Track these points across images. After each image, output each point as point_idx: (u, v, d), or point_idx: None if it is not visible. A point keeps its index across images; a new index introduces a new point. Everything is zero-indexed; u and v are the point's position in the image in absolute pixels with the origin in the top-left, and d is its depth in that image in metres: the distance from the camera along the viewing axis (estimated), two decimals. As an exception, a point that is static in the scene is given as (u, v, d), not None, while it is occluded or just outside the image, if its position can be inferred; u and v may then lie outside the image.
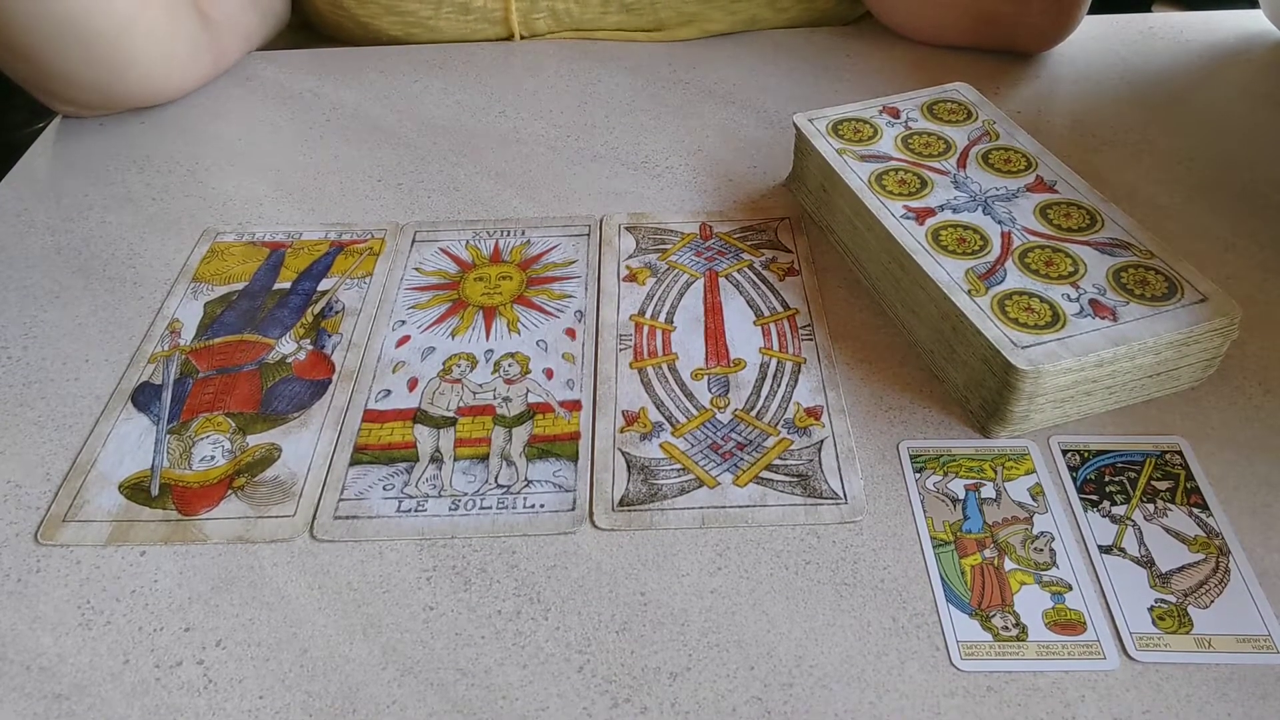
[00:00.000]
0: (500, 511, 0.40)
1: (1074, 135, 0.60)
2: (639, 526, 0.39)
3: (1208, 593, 0.37)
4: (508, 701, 0.34)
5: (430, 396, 0.45)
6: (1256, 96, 0.63)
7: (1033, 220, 0.46)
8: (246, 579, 0.38)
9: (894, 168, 0.50)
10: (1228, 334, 0.42)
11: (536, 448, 0.42)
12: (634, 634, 0.36)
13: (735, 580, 0.38)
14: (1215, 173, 0.57)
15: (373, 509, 0.40)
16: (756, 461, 0.41)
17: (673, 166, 0.59)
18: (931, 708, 0.34)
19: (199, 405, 0.45)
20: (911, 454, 0.42)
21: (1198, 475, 0.41)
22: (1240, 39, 0.69)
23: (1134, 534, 0.39)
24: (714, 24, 0.70)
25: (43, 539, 0.39)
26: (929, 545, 0.38)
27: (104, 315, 0.50)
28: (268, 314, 0.49)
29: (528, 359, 0.46)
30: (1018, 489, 0.40)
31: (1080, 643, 0.35)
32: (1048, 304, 0.42)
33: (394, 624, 0.36)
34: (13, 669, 0.35)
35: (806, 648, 0.35)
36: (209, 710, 0.34)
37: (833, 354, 0.46)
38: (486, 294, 0.50)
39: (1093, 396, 0.42)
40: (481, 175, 0.59)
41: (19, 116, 0.89)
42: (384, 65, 0.69)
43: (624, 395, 0.45)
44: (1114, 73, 0.66)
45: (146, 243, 0.54)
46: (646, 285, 0.50)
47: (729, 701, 0.34)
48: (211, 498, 0.41)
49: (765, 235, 0.53)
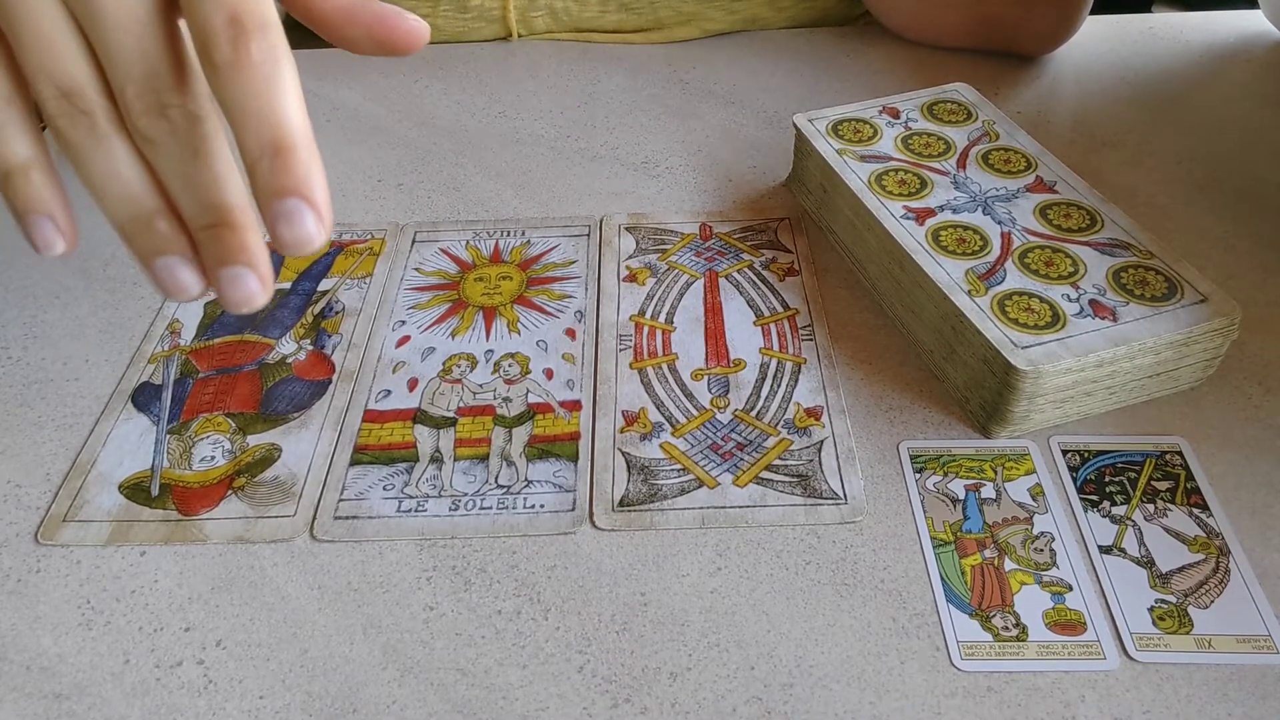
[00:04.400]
0: (500, 512, 0.40)
1: (1074, 135, 0.60)
2: (639, 527, 0.39)
3: (1208, 593, 0.37)
4: (508, 702, 0.34)
5: (430, 397, 0.45)
6: (1256, 96, 0.63)
7: (1033, 220, 0.46)
8: (246, 579, 0.38)
9: (894, 168, 0.50)
10: (1228, 334, 0.42)
11: (536, 448, 0.42)
12: (634, 634, 0.36)
13: (735, 580, 0.38)
14: (1215, 173, 0.57)
15: (373, 509, 0.40)
16: (756, 462, 0.41)
17: (673, 167, 0.59)
18: (932, 708, 0.34)
19: (199, 405, 0.45)
20: (911, 454, 0.42)
21: (1198, 475, 0.41)
22: (1240, 39, 0.70)
23: (1134, 534, 0.39)
24: (713, 23, 0.70)
25: (43, 539, 0.39)
26: (929, 545, 0.38)
27: (104, 315, 0.50)
28: (268, 314, 0.49)
29: (528, 359, 0.46)
30: (1018, 489, 0.40)
31: (1080, 643, 0.35)
32: (1048, 304, 0.42)
33: (394, 624, 0.36)
34: (13, 669, 0.35)
35: (806, 648, 0.35)
36: (209, 710, 0.34)
37: (833, 354, 0.46)
38: (486, 294, 0.50)
39: (1093, 397, 0.42)
40: (481, 175, 0.59)
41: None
42: (384, 65, 0.69)
43: (624, 395, 0.45)
44: (1114, 73, 0.66)
45: (146, 243, 0.54)
46: (646, 285, 0.50)
47: (729, 702, 0.34)
48: (211, 498, 0.41)
49: (765, 235, 0.53)
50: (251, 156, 0.25)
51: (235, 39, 0.24)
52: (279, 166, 0.25)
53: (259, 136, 0.25)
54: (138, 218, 0.27)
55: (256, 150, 0.25)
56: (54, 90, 0.25)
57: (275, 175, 0.25)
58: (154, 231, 0.27)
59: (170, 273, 0.27)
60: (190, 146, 0.26)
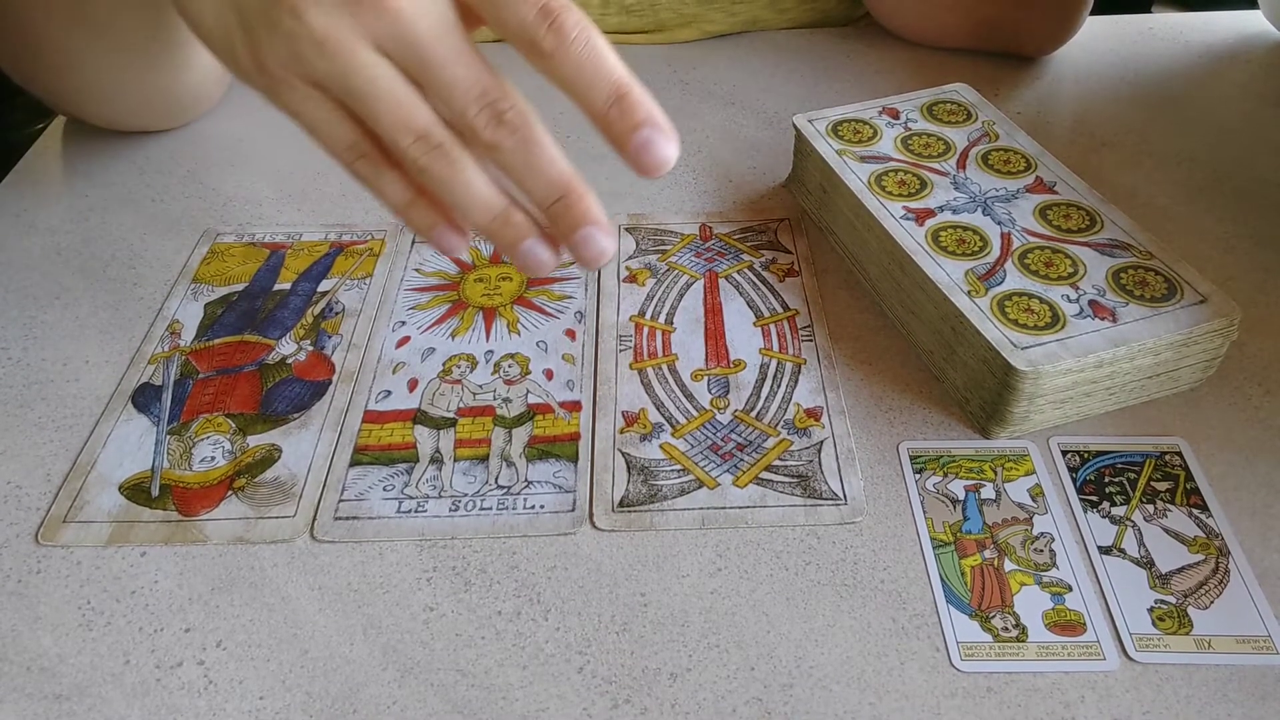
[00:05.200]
0: (500, 512, 0.40)
1: (1074, 136, 0.60)
2: (639, 527, 0.39)
3: (1207, 593, 0.37)
4: (508, 702, 0.34)
5: (430, 397, 0.45)
6: (1256, 96, 0.63)
7: (1032, 221, 0.46)
8: (247, 580, 0.38)
9: (894, 169, 0.50)
10: (1227, 335, 0.42)
11: (536, 449, 0.42)
12: (634, 635, 0.36)
13: (735, 581, 0.38)
14: (1215, 173, 0.57)
15: (373, 510, 0.40)
16: (756, 462, 0.42)
17: (673, 167, 0.59)
18: (931, 708, 0.34)
19: (199, 406, 0.45)
20: (911, 455, 0.42)
21: (1197, 476, 0.41)
22: (1240, 39, 0.70)
23: (1134, 535, 0.39)
24: (714, 25, 0.70)
25: (43, 540, 0.39)
26: (929, 546, 0.38)
27: (104, 316, 0.50)
28: (268, 315, 0.49)
29: (528, 360, 0.46)
30: (1018, 490, 0.40)
31: (1080, 643, 0.35)
32: (1047, 305, 0.42)
33: (394, 625, 0.36)
34: (13, 669, 0.35)
35: (806, 648, 0.35)
36: (209, 711, 0.34)
37: (833, 355, 0.46)
38: (486, 295, 0.50)
39: (1092, 397, 0.42)
40: (481, 176, 0.59)
41: (19, 116, 0.89)
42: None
43: (624, 396, 0.45)
44: (1114, 73, 0.66)
45: (146, 243, 0.54)
46: (646, 286, 0.50)
47: (729, 702, 0.34)
48: (212, 498, 0.41)
49: (765, 236, 0.53)
50: (600, 110, 0.29)
51: (553, 26, 0.28)
52: (626, 108, 0.29)
53: (602, 93, 0.29)
54: (500, 217, 0.31)
55: (604, 103, 0.29)
56: (411, 139, 0.30)
57: (626, 116, 0.29)
58: (514, 224, 0.32)
59: (534, 253, 0.32)
60: (527, 140, 0.30)
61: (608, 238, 0.31)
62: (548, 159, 0.30)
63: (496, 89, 0.30)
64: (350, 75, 0.29)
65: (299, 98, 0.31)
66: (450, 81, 0.29)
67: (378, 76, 0.29)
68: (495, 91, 0.30)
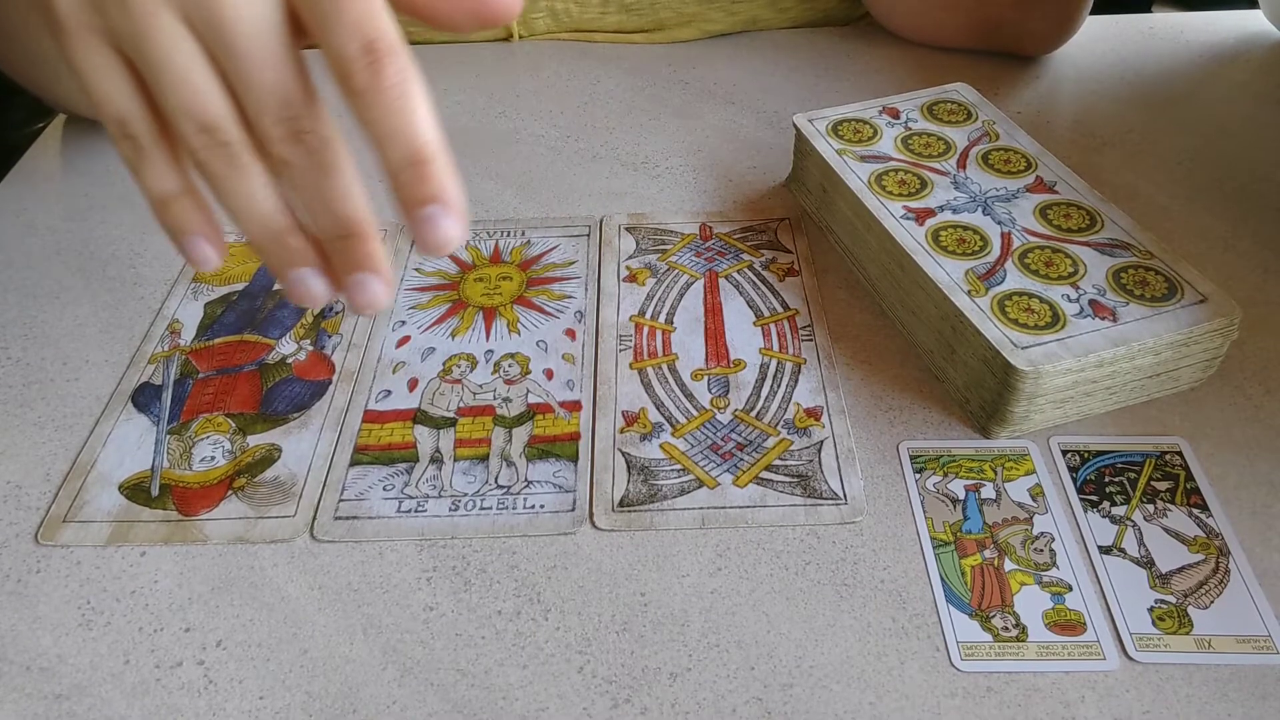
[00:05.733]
0: (500, 512, 0.40)
1: (1074, 135, 0.60)
2: (639, 527, 0.39)
3: (1208, 593, 0.37)
4: (508, 702, 0.34)
5: (430, 397, 0.45)
6: (1256, 96, 0.63)
7: (1033, 221, 0.46)
8: (246, 579, 0.38)
9: (894, 168, 0.50)
10: (1227, 334, 0.42)
11: (536, 448, 0.42)
12: (634, 634, 0.36)
13: (735, 581, 0.38)
14: (1215, 173, 0.57)
15: (373, 509, 0.40)
16: (756, 462, 0.41)
17: (673, 167, 0.59)
18: (931, 708, 0.34)
19: (199, 406, 0.45)
20: (911, 454, 0.42)
21: (1198, 476, 0.41)
22: (1240, 39, 0.69)
23: (1134, 534, 0.39)
24: (714, 24, 0.70)
25: (43, 539, 0.39)
26: (929, 546, 0.38)
27: (104, 315, 0.50)
28: (268, 314, 0.49)
29: (528, 359, 0.46)
30: (1018, 489, 0.40)
31: (1080, 643, 0.35)
32: (1048, 304, 0.42)
33: (394, 624, 0.36)
34: (13, 669, 0.35)
35: (806, 648, 0.35)
36: (209, 711, 0.34)
37: (833, 354, 0.46)
38: (486, 294, 0.50)
39: (1093, 397, 0.42)
40: (481, 175, 0.59)
41: (19, 116, 0.89)
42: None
43: (624, 396, 0.45)
44: (1114, 73, 0.66)
45: (146, 243, 0.54)
46: (646, 286, 0.50)
47: (729, 702, 0.34)
48: (211, 498, 0.41)
49: (765, 236, 0.53)
50: (394, 169, 0.27)
51: (371, 65, 0.26)
52: (418, 177, 0.27)
53: (399, 152, 0.27)
54: (275, 236, 0.29)
55: (398, 164, 0.27)
56: (195, 126, 0.27)
57: (416, 185, 0.27)
58: (288, 247, 0.29)
59: (304, 282, 0.29)
60: (322, 167, 0.28)
61: (384, 286, 0.29)
62: (341, 191, 0.28)
63: (303, 106, 0.27)
64: (146, 38, 0.27)
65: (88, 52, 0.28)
66: (256, 83, 0.27)
67: (176, 50, 0.27)
68: (300, 109, 0.27)
